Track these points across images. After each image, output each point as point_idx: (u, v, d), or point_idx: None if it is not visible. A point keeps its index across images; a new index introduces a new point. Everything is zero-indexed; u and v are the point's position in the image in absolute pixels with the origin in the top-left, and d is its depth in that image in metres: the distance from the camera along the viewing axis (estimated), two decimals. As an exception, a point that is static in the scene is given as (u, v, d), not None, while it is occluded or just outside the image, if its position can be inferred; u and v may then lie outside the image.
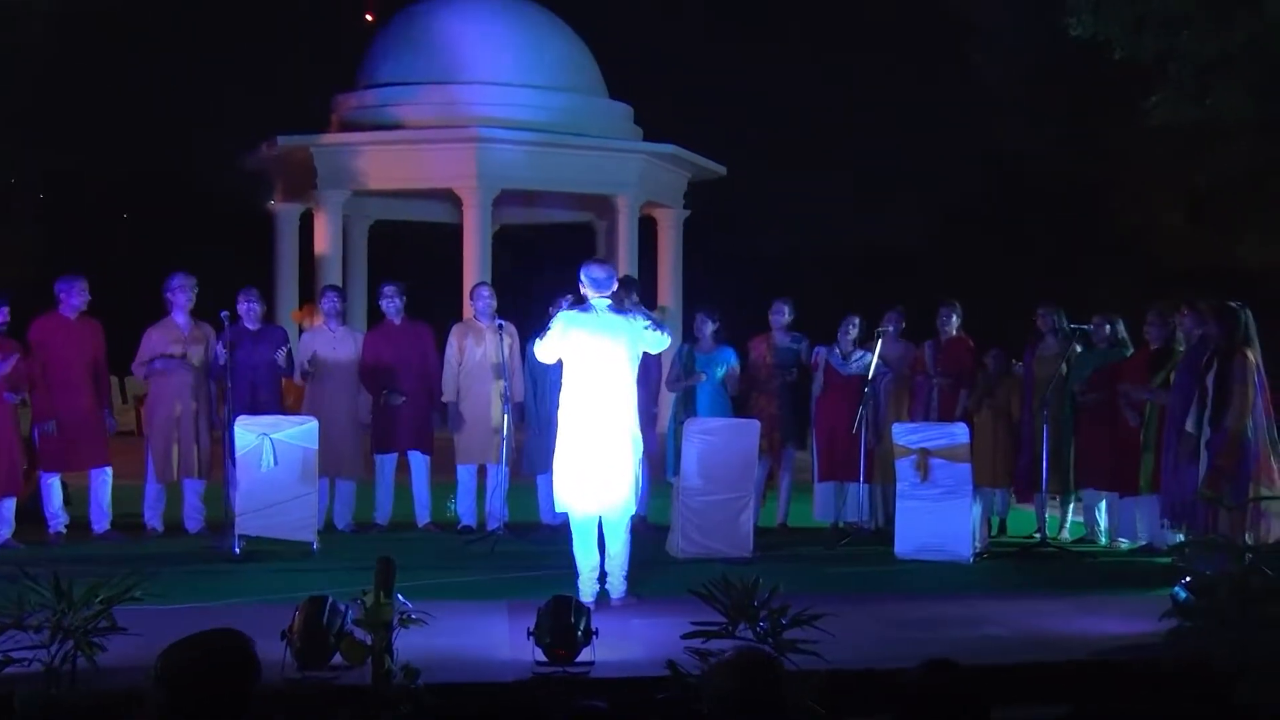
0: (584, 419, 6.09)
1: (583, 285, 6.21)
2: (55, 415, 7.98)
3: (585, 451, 6.09)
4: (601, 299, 6.16)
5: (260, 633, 3.57)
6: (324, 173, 14.53)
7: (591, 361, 6.08)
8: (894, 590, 6.72)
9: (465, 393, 8.54)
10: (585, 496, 6.09)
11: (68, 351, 8.02)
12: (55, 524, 8.07)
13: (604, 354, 6.08)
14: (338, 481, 8.51)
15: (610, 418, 6.08)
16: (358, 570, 5.93)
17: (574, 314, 6.16)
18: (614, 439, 6.08)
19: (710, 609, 4.71)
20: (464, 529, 8.51)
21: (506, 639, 5.34)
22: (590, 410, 6.08)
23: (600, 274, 6.19)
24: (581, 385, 6.11)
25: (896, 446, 7.78)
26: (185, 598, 6.19)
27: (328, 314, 8.62)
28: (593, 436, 6.08)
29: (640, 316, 6.28)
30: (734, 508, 7.53)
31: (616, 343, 6.10)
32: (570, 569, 6.21)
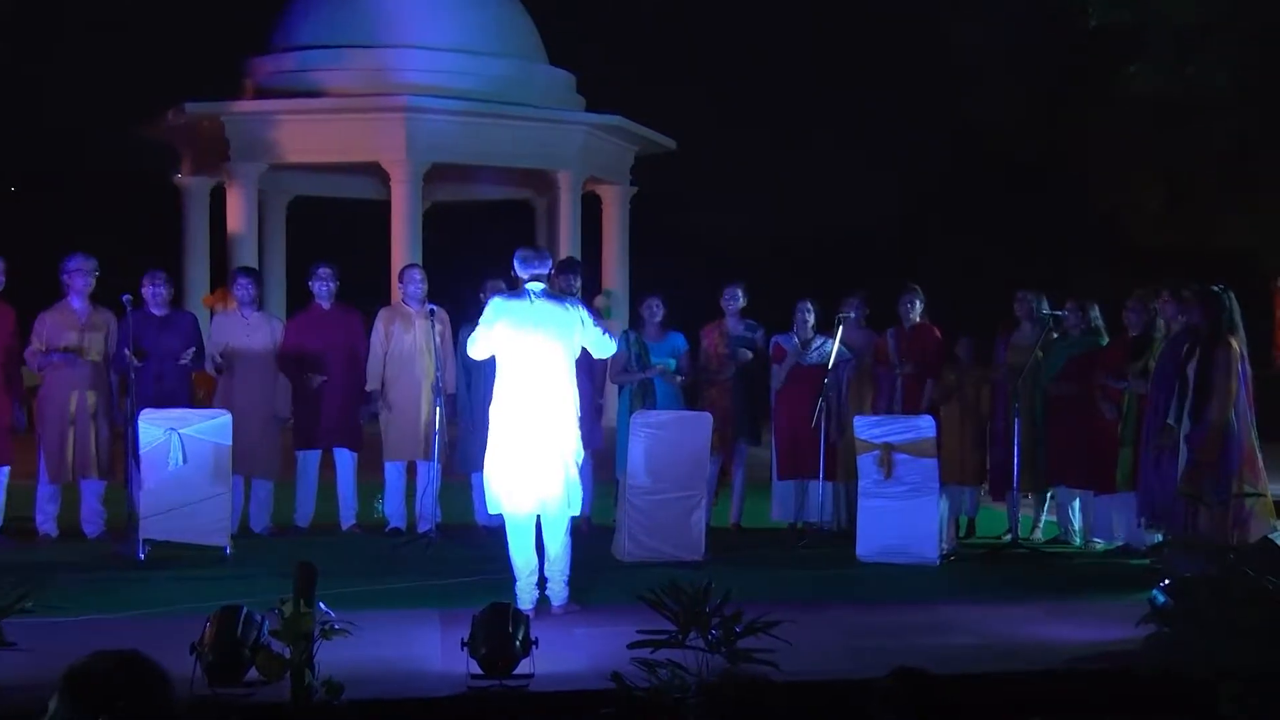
0: (516, 412, 6.07)
1: (514, 269, 6.23)
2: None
3: (518, 447, 6.07)
4: (535, 283, 6.15)
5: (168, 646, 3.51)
6: (237, 144, 14.33)
7: (524, 350, 6.07)
8: (856, 596, 6.76)
9: (393, 383, 8.48)
10: (520, 495, 6.08)
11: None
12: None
13: (537, 342, 6.07)
14: (253, 481, 8.42)
15: (545, 410, 6.07)
16: (275, 577, 5.88)
17: (503, 301, 6.14)
18: (549, 433, 6.07)
19: (659, 616, 4.71)
20: (392, 531, 8.46)
21: (439, 650, 5.31)
22: (523, 402, 6.07)
23: (531, 255, 6.20)
24: (513, 375, 6.09)
25: (859, 441, 7.83)
26: (83, 608, 6.08)
27: (241, 299, 8.50)
28: (526, 430, 6.06)
29: (585, 312, 6.28)
30: (684, 507, 7.54)
31: (550, 330, 6.09)
32: (507, 574, 6.19)
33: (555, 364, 6.11)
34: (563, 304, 6.22)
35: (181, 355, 8.04)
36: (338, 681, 4.39)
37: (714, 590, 4.75)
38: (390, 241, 14.28)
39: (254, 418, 8.19)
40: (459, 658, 4.79)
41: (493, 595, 5.43)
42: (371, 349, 8.47)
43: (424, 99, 14.04)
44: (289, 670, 4.40)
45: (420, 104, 14.01)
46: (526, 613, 5.29)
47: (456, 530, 8.31)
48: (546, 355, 6.09)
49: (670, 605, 4.72)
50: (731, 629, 4.65)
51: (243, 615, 4.70)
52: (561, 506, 6.12)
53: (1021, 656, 5.31)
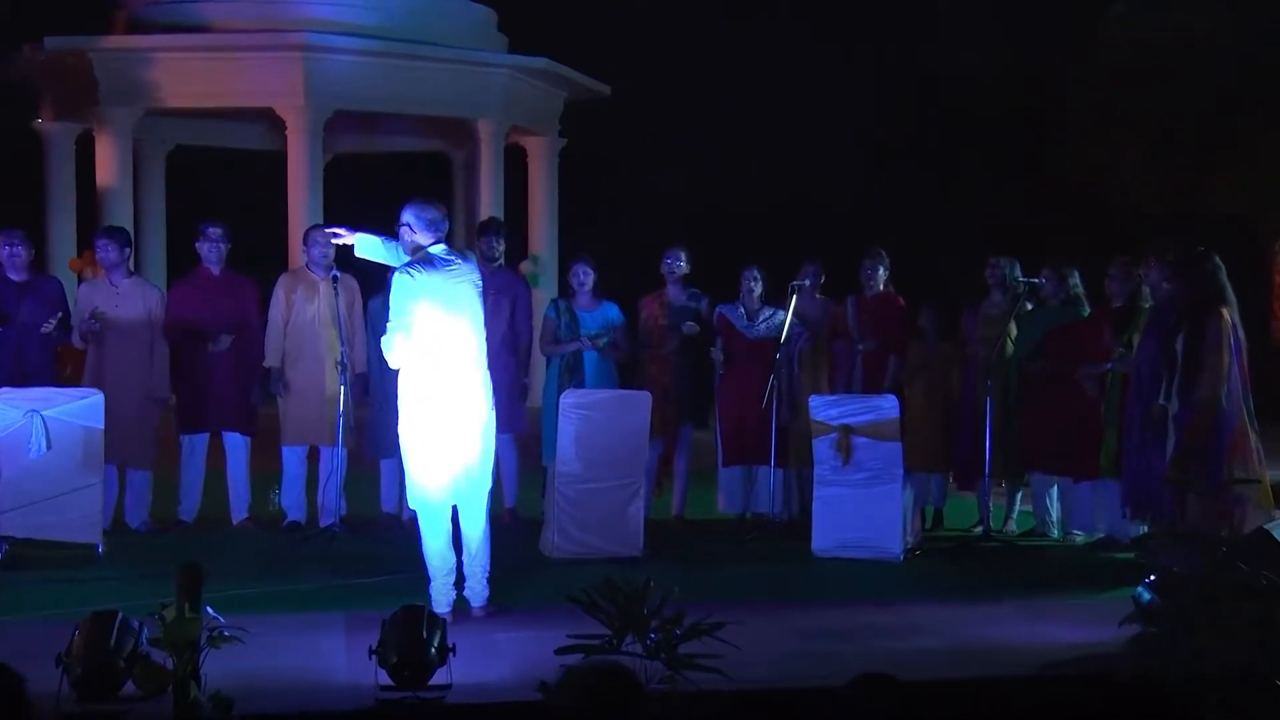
0: (438, 389, 6.06)
1: (410, 231, 6.15)
2: None
3: (435, 424, 6.05)
4: (439, 245, 6.13)
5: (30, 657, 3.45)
6: (107, 85, 14.04)
7: (442, 322, 6.05)
8: (811, 595, 6.82)
9: (293, 359, 8.41)
10: (438, 478, 6.06)
11: None
12: None
13: (456, 308, 6.06)
14: (129, 470, 8.30)
15: (468, 387, 6.08)
16: (155, 579, 5.82)
17: (416, 271, 6.01)
18: (467, 406, 6.08)
19: (591, 619, 4.72)
20: (290, 525, 8.40)
21: (343, 659, 5.29)
22: (446, 379, 6.06)
23: (436, 214, 6.17)
24: (431, 349, 6.05)
25: (814, 423, 7.88)
26: (-67, 616, 5.96)
27: (104, 264, 8.36)
28: (443, 406, 6.05)
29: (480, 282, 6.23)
30: (620, 497, 7.56)
31: (465, 295, 6.09)
32: (421, 573, 6.17)
33: (476, 337, 6.13)
34: (470, 264, 6.20)
35: (43, 324, 7.88)
36: (227, 695, 4.36)
37: (653, 589, 4.77)
38: (286, 199, 14.10)
39: (129, 398, 8.08)
40: (367, 667, 4.77)
41: (404, 597, 5.41)
42: (270, 320, 8.39)
43: (324, 36, 13.85)
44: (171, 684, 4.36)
45: (320, 42, 13.82)
46: (443, 616, 5.28)
47: (363, 524, 8.28)
48: (466, 328, 6.10)
49: (604, 606, 4.73)
50: (672, 633, 4.67)
51: (117, 622, 4.66)
52: (481, 483, 6.12)
53: (993, 661, 5.39)
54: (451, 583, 6.13)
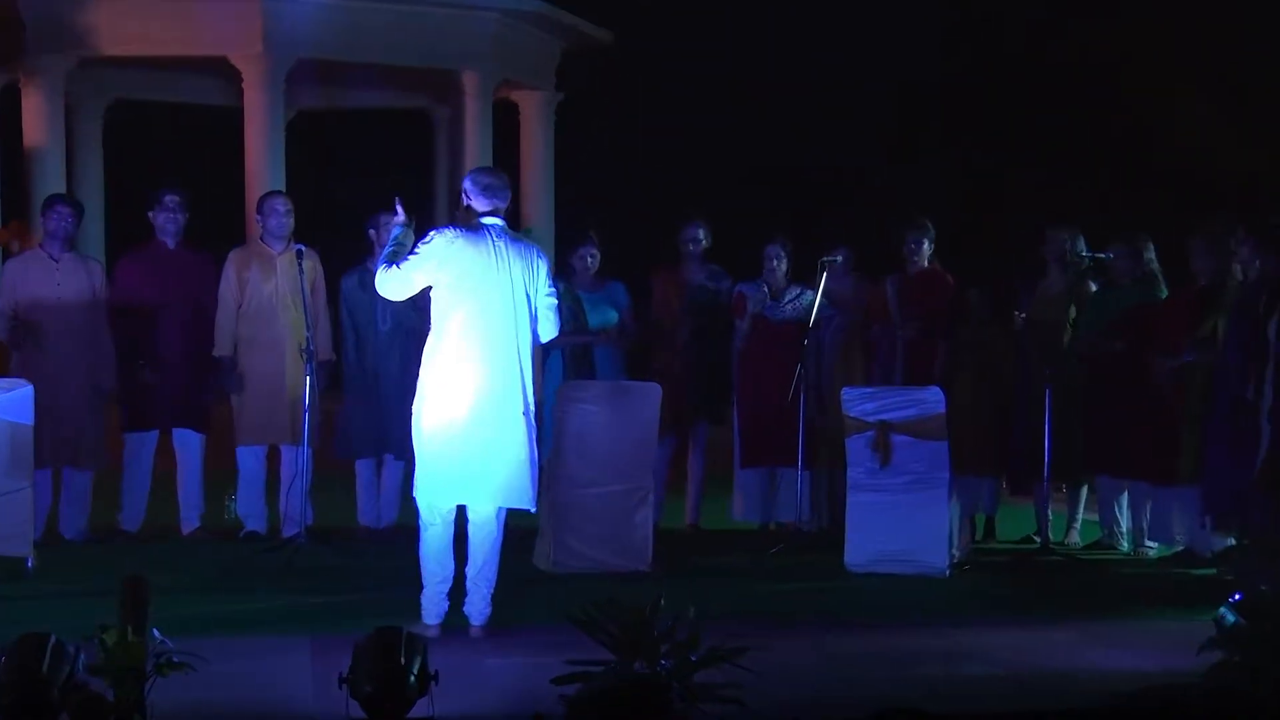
0: (465, 382, 6.12)
1: (466, 196, 6.28)
2: None
3: (471, 425, 6.11)
4: (495, 218, 6.24)
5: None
6: (35, 30, 14.02)
7: (480, 304, 6.13)
8: (844, 615, 6.82)
9: (248, 346, 8.45)
10: (462, 484, 6.14)
11: None
12: None
13: (500, 295, 6.16)
14: (66, 472, 8.35)
15: (504, 382, 6.17)
16: (94, 596, 5.83)
17: (458, 238, 6.14)
18: (512, 409, 6.17)
19: (593, 642, 4.73)
20: (248, 536, 8.44)
21: (310, 688, 5.31)
22: (476, 370, 6.13)
23: (494, 183, 6.31)
24: (465, 335, 6.14)
25: (847, 419, 7.89)
26: None
27: (53, 234, 8.36)
28: (483, 405, 6.12)
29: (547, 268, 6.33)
30: (626, 504, 7.59)
31: (518, 281, 6.20)
32: (396, 590, 6.22)
33: (520, 325, 6.21)
34: (529, 249, 6.33)
35: None
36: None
37: (664, 609, 4.77)
38: (243, 162, 14.10)
39: (68, 390, 8.11)
40: (337, 697, 4.78)
41: (379, 618, 5.41)
42: (221, 302, 8.41)
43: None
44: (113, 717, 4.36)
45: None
46: (429, 633, 5.30)
47: (331, 534, 8.30)
48: (510, 313, 6.18)
49: (608, 628, 4.74)
50: (686, 657, 4.68)
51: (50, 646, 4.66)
52: (523, 499, 6.23)
53: (1050, 691, 5.39)
54: (445, 592, 6.19)
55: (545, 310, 6.32)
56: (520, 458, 6.19)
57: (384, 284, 6.23)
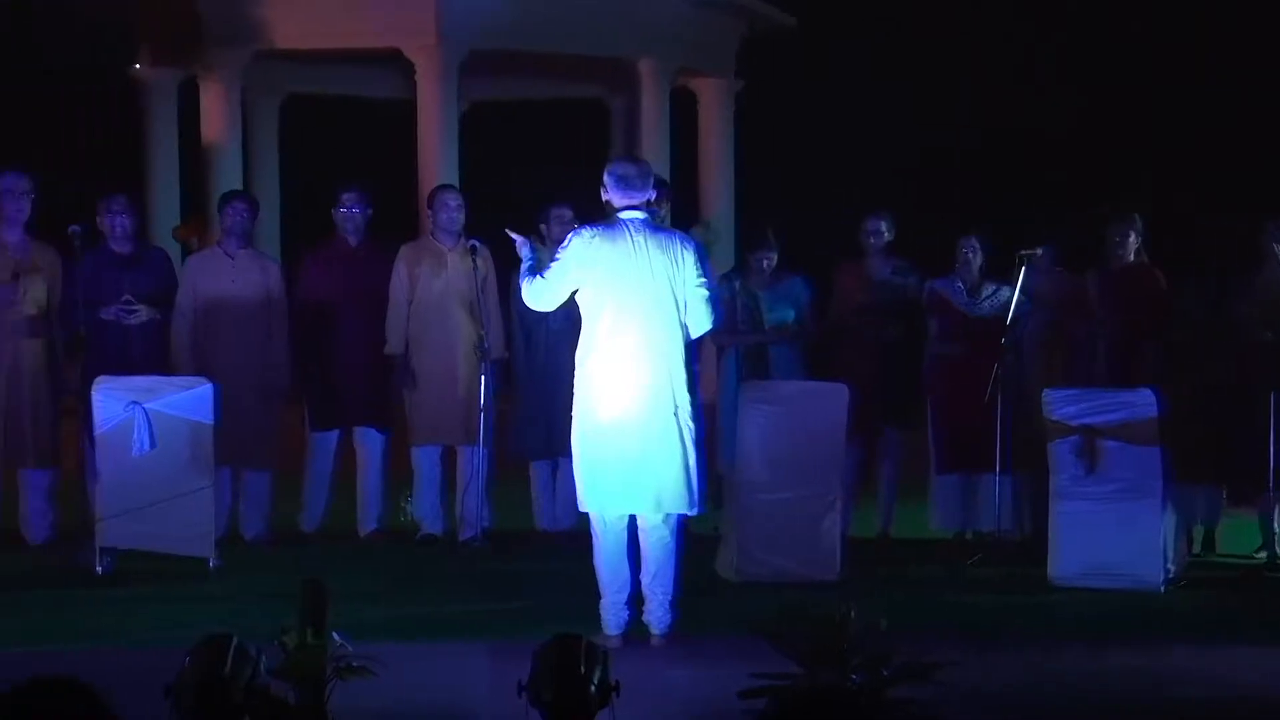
0: (616, 384, 6.18)
1: (605, 190, 6.31)
2: None
3: (621, 428, 6.17)
4: (633, 212, 6.21)
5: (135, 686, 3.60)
6: (213, 25, 14.45)
7: (625, 303, 6.18)
8: (1047, 631, 6.74)
9: (419, 344, 8.56)
10: (623, 490, 6.19)
11: None
12: None
13: (643, 292, 6.19)
14: (246, 473, 8.55)
15: (652, 382, 6.19)
16: (274, 599, 6.00)
17: (594, 238, 6.22)
18: (661, 410, 6.20)
19: (780, 654, 4.71)
20: (425, 539, 8.57)
21: (488, 695, 5.39)
22: (626, 372, 6.18)
23: (632, 173, 6.29)
24: (611, 336, 6.20)
25: (1049, 423, 7.76)
26: (25, 637, 6.27)
27: (230, 231, 8.61)
28: (631, 407, 6.17)
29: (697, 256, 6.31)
30: (813, 511, 7.56)
31: (660, 277, 6.20)
32: (580, 595, 6.30)
33: (666, 321, 6.22)
34: (672, 239, 6.31)
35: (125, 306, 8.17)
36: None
37: (854, 620, 4.74)
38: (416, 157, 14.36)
39: (245, 390, 8.29)
40: (516, 706, 4.83)
41: (559, 624, 5.46)
42: (392, 299, 8.54)
43: (460, -36, 14.06)
44: (294, 719, 4.47)
45: (456, -28, 14.04)
46: (610, 643, 5.35)
47: (511, 537, 8.40)
48: (655, 310, 6.20)
49: (796, 639, 4.73)
50: (878, 672, 4.64)
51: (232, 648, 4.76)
52: (681, 504, 6.21)
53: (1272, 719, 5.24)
54: (624, 600, 6.24)
55: (696, 302, 6.28)
56: (674, 461, 6.19)
57: (530, 296, 6.33)
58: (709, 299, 6.33)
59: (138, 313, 8.26)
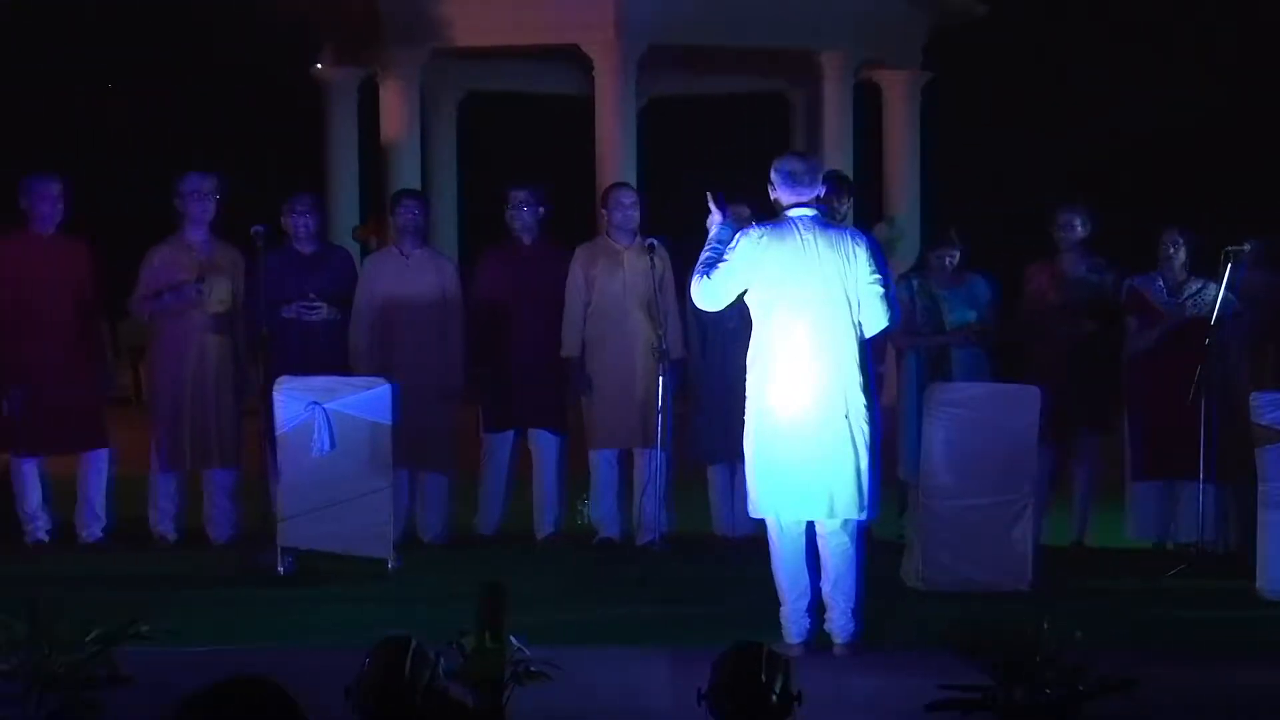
0: (785, 386, 6.17)
1: (773, 188, 6.30)
2: (28, 376, 8.35)
3: (790, 432, 6.16)
4: (802, 209, 6.18)
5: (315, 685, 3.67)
6: (392, 23, 14.72)
7: (794, 304, 6.16)
8: (1254, 649, 6.56)
9: (597, 346, 8.61)
10: (794, 495, 6.17)
11: (43, 285, 8.39)
12: (33, 530, 8.48)
13: (813, 292, 6.16)
14: (424, 475, 8.66)
15: (824, 383, 6.17)
16: (452, 601, 6.08)
17: (762, 235, 6.22)
18: (831, 413, 6.17)
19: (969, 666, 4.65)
20: (603, 542, 8.62)
21: (669, 702, 5.41)
22: (795, 374, 6.17)
23: (800, 170, 6.28)
24: (780, 339, 6.19)
25: (1257, 428, 7.55)
26: (210, 636, 6.43)
27: (402, 230, 8.77)
28: (800, 410, 6.15)
29: (871, 252, 6.26)
30: (1003, 518, 7.48)
31: (831, 275, 6.16)
32: (760, 601, 6.28)
33: (838, 321, 6.18)
34: (842, 235, 6.28)
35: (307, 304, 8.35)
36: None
37: (1048, 633, 4.66)
38: (593, 153, 14.46)
39: (421, 391, 8.36)
40: (696, 713, 4.83)
41: (739, 631, 5.46)
42: (567, 302, 8.59)
43: (640, -42, 14.13)
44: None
45: (635, -34, 14.11)
46: (792, 652, 5.33)
47: (690, 542, 8.42)
48: (826, 310, 6.16)
49: (986, 652, 4.66)
50: (1073, 687, 4.56)
51: (411, 650, 4.84)
52: (852, 510, 6.17)
53: None
54: (804, 608, 6.22)
55: (870, 299, 6.22)
56: (846, 465, 6.15)
57: (699, 296, 6.33)
58: (883, 296, 6.27)
59: (319, 310, 8.44)
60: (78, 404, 8.47)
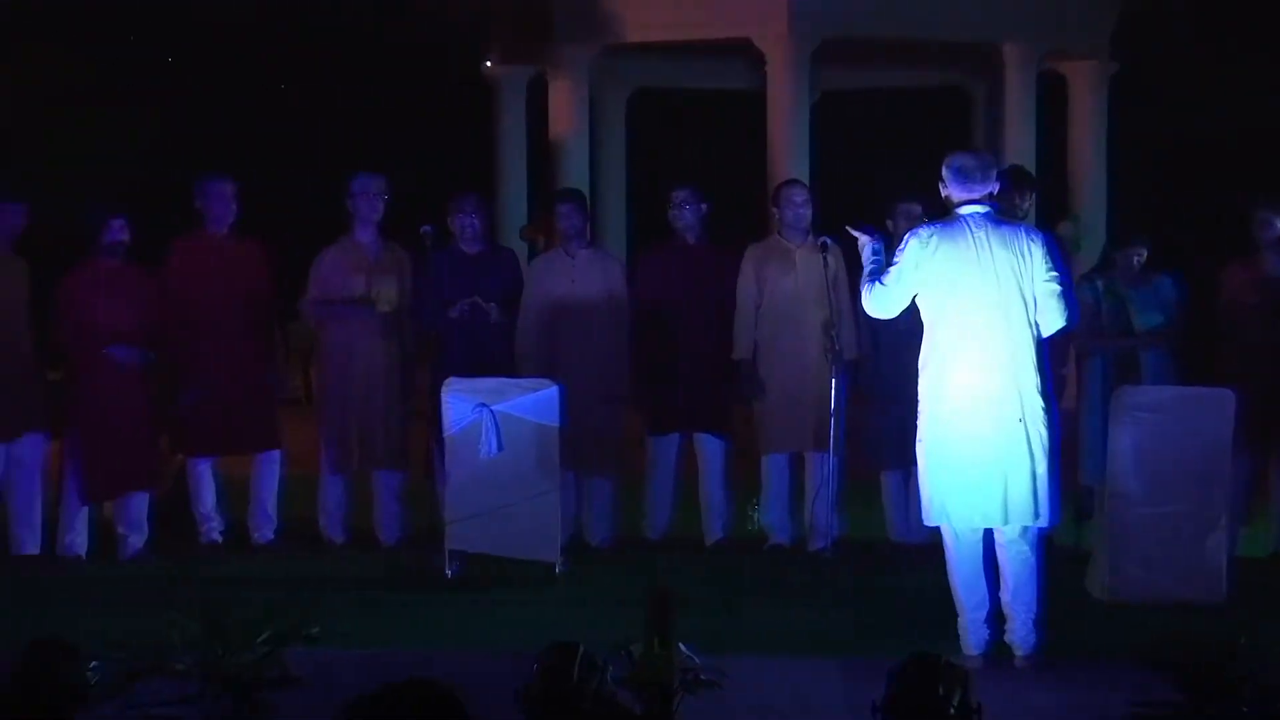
0: (958, 390, 6.15)
1: (944, 185, 6.28)
2: (202, 376, 8.57)
3: (964, 436, 6.13)
4: (974, 207, 6.12)
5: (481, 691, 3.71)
6: (563, 21, 14.84)
7: (966, 305, 6.14)
8: None
9: (770, 347, 8.59)
10: (968, 502, 6.14)
11: (218, 285, 8.60)
12: (207, 531, 8.71)
13: (986, 292, 6.12)
14: (590, 478, 8.72)
15: (999, 386, 6.12)
16: (620, 606, 6.11)
17: (932, 235, 6.19)
18: (1006, 417, 6.12)
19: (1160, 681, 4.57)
20: (773, 548, 8.60)
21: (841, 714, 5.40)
22: (968, 377, 6.14)
23: (970, 164, 6.26)
24: (952, 340, 6.18)
25: None
26: (378, 638, 6.58)
27: (565, 232, 8.84)
28: (974, 414, 6.12)
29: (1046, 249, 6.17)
30: (1196, 527, 7.35)
31: (1005, 273, 6.12)
32: (937, 610, 6.24)
33: (1012, 322, 6.13)
34: (1016, 232, 6.22)
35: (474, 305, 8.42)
36: (706, 751, 4.50)
37: (1247, 647, 4.55)
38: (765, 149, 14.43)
39: (587, 393, 8.42)
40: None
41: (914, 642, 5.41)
42: (739, 301, 8.58)
43: (812, -50, 14.07)
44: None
45: (808, -43, 14.05)
46: (971, 664, 5.27)
47: (862, 548, 8.37)
48: (999, 311, 6.12)
49: (1180, 666, 4.56)
50: (1273, 705, 4.45)
51: (580, 656, 4.88)
52: (1028, 516, 6.10)
53: None
54: (983, 618, 6.18)
55: (1047, 298, 6.15)
56: (1022, 470, 6.09)
57: (870, 303, 6.33)
58: (1061, 295, 6.19)
59: (487, 312, 8.54)
60: (251, 404, 8.66)
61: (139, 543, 8.42)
